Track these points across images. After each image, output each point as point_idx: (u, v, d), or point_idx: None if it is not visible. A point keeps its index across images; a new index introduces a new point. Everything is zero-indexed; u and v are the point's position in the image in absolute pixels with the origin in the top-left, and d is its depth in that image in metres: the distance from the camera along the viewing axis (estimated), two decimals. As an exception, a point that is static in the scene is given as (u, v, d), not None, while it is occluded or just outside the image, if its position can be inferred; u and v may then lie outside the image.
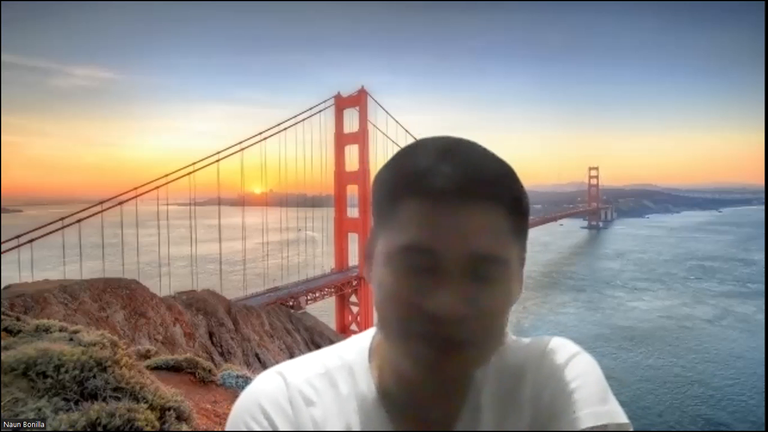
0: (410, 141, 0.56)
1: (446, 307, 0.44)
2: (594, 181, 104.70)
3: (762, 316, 34.18)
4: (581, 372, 0.53)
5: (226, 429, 0.53)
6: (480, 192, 0.46)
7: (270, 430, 0.51)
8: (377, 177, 0.53)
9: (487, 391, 0.55)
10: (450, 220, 0.45)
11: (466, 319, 0.45)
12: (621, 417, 0.50)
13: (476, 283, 0.46)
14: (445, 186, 0.45)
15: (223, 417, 2.91)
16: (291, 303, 24.78)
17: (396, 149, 0.55)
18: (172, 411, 2.00)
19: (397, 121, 33.13)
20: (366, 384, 0.56)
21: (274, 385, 0.55)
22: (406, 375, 0.52)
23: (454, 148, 0.48)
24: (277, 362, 0.62)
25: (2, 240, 19.73)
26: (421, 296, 0.45)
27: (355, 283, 29.32)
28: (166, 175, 26.00)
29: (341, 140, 31.50)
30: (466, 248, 0.45)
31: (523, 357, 0.57)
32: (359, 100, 31.00)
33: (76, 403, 1.74)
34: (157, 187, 25.57)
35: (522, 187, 0.50)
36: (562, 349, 0.56)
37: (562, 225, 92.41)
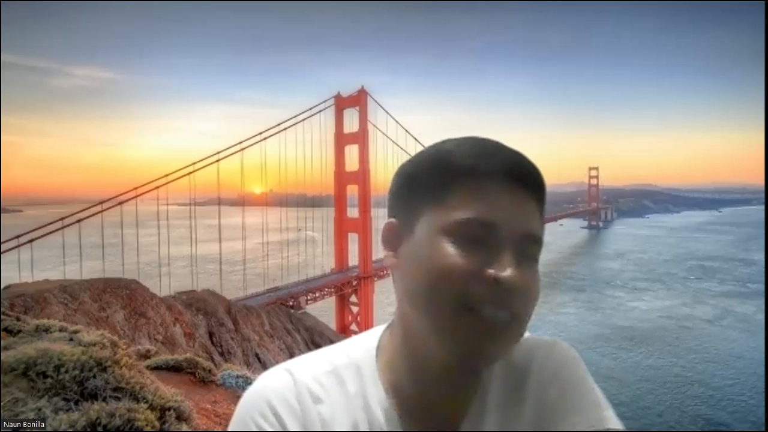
0: (410, 141, 0.58)
1: (508, 273, 0.47)
2: (594, 181, 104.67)
3: (762, 316, 34.18)
4: (581, 377, 0.55)
5: (233, 424, 0.53)
6: (529, 178, 0.52)
7: (278, 427, 0.51)
8: (420, 162, 0.55)
9: (494, 390, 0.56)
10: (508, 198, 0.50)
11: (518, 292, 0.48)
12: (619, 425, 0.51)
13: (523, 259, 0.50)
14: (504, 168, 0.51)
15: (223, 417, 2.91)
16: (291, 303, 24.77)
17: (396, 149, 0.57)
18: (172, 411, 2.00)
19: (397, 121, 33.17)
20: (373, 382, 0.56)
21: (282, 382, 0.54)
22: (429, 359, 0.53)
23: (493, 141, 0.54)
24: (277, 362, 0.62)
25: (2, 240, 19.73)
26: (481, 264, 0.48)
27: (355, 283, 29.32)
28: (166, 175, 25.99)
29: (341, 140, 31.48)
30: (521, 226, 0.50)
31: (527, 358, 0.57)
32: (359, 100, 30.97)
33: (76, 403, 1.74)
34: (157, 187, 25.57)
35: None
36: (561, 352, 0.57)
37: (562, 225, 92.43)
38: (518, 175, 0.51)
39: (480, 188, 0.50)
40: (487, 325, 0.47)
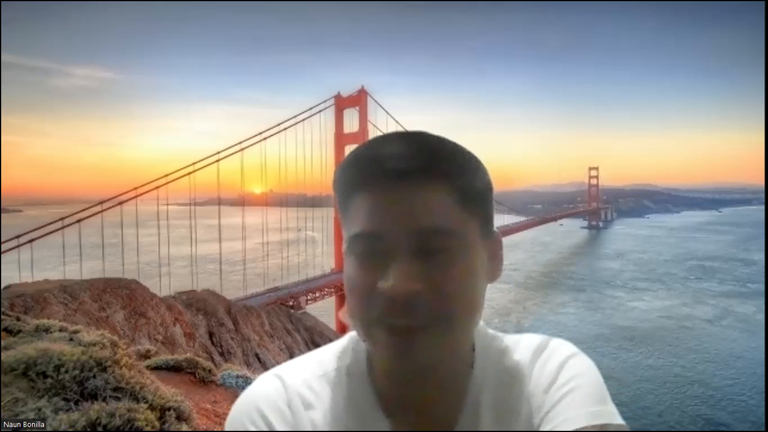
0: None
1: (393, 284, 0.44)
2: (594, 181, 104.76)
3: (762, 316, 34.19)
4: (579, 372, 0.53)
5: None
6: (416, 167, 0.47)
7: None
8: (332, 182, 0.54)
9: (487, 390, 0.55)
10: (390, 200, 0.47)
11: (418, 295, 0.45)
12: (619, 419, 0.50)
13: (426, 258, 0.46)
14: (382, 168, 0.47)
15: (223, 417, 2.91)
16: (291, 303, 24.77)
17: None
18: (172, 411, 2.00)
19: (397, 121, 33.23)
20: (364, 385, 0.55)
21: (273, 389, 0.54)
22: (385, 367, 0.52)
23: (392, 136, 0.50)
24: (277, 362, 0.62)
25: (2, 240, 19.74)
26: (373, 279, 0.46)
27: (355, 283, 29.27)
28: (166, 175, 26.09)
29: (341, 140, 31.51)
30: (409, 225, 0.46)
31: (521, 356, 0.57)
32: (359, 100, 31.05)
33: (76, 403, 1.74)
34: (157, 187, 25.65)
35: (468, 162, 0.50)
36: (561, 349, 0.56)
37: (562, 225, 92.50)
38: (398, 169, 0.47)
39: (363, 196, 0.48)
40: (398, 338, 0.46)
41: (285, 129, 31.22)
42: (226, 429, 0.53)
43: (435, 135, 0.50)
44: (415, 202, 0.46)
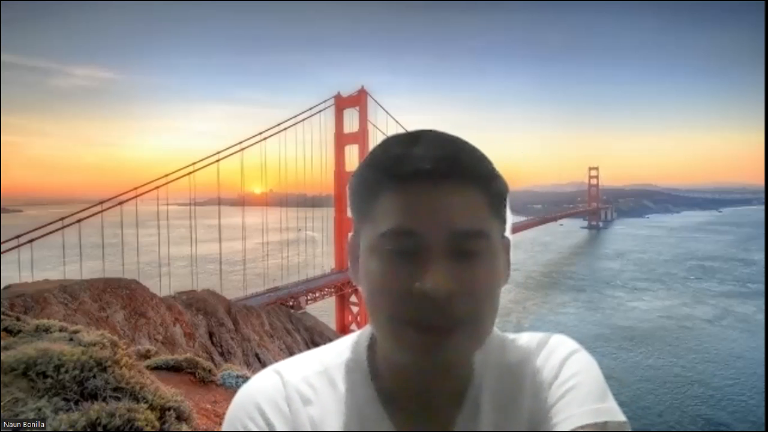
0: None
1: (434, 285, 0.44)
2: (594, 181, 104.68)
3: (762, 316, 34.19)
4: (580, 369, 0.53)
5: (224, 428, 0.53)
6: (452, 170, 0.47)
7: (267, 429, 0.51)
8: (351, 178, 0.53)
9: (487, 388, 0.55)
10: (427, 200, 0.47)
11: (454, 297, 0.45)
12: (620, 416, 0.50)
13: (461, 259, 0.46)
14: (418, 168, 0.47)
15: (223, 417, 2.90)
16: (291, 303, 24.79)
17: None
18: (172, 411, 2.00)
19: (397, 121, 33.20)
20: (364, 382, 0.55)
21: (271, 384, 0.54)
22: (400, 367, 0.52)
23: (422, 135, 0.50)
24: (277, 362, 0.62)
25: (2, 240, 19.75)
26: (408, 278, 0.46)
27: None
28: (166, 175, 26.11)
29: (341, 140, 31.54)
30: (447, 226, 0.46)
31: (522, 354, 0.57)
32: (359, 100, 31.05)
33: (76, 403, 1.74)
34: (157, 187, 25.66)
35: (494, 167, 0.51)
36: (562, 346, 0.56)
37: (562, 225, 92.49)
38: (436, 169, 0.47)
39: (397, 193, 0.48)
40: (429, 337, 0.46)
41: (285, 129, 31.28)
42: (225, 424, 0.53)
43: (448, 133, 0.51)
44: (452, 203, 0.47)
